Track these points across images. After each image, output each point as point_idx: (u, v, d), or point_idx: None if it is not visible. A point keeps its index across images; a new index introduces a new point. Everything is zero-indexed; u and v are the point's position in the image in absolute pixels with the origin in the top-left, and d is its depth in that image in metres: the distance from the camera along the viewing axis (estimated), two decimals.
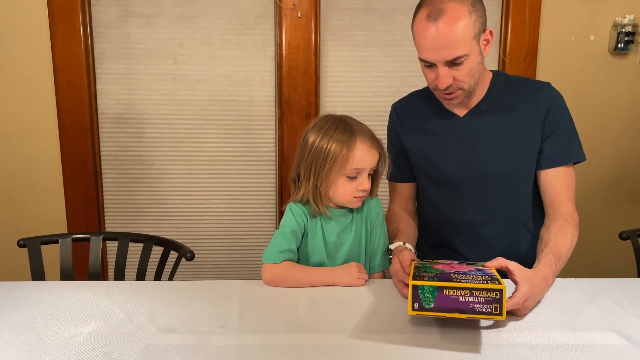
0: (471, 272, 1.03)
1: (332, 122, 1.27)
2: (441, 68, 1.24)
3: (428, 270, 1.05)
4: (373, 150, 1.25)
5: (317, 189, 1.26)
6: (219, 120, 2.20)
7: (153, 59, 2.14)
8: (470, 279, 0.97)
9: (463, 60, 1.23)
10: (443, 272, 1.03)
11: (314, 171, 1.26)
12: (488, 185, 1.35)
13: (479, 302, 0.94)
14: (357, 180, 1.26)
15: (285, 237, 1.27)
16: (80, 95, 2.12)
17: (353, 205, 1.30)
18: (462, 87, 1.28)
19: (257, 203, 2.27)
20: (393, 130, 1.49)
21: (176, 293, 1.18)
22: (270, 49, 2.16)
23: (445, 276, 0.99)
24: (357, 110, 2.20)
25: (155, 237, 1.46)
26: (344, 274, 1.24)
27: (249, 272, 2.32)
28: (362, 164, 1.24)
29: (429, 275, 1.00)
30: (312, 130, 1.28)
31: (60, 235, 1.43)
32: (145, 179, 2.23)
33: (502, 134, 1.33)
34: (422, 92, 1.48)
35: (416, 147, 1.43)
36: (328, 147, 1.23)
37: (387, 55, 2.17)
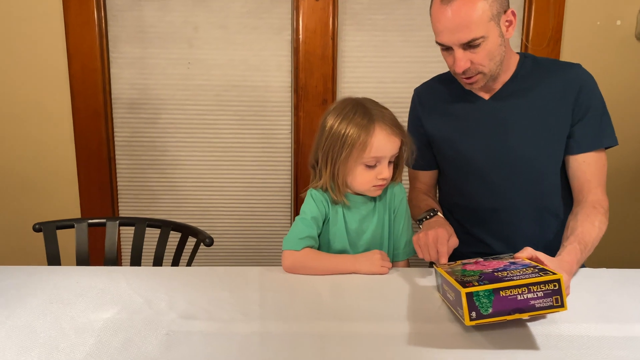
0: (510, 267, 0.98)
1: (352, 105, 1.23)
2: (457, 51, 1.20)
3: (465, 273, 0.99)
4: (393, 137, 1.20)
5: (335, 176, 1.22)
6: (234, 106, 2.16)
7: (167, 43, 2.10)
8: (519, 274, 0.92)
9: (480, 43, 1.19)
10: (483, 272, 0.97)
11: (331, 158, 1.21)
12: (515, 171, 1.31)
13: (538, 298, 0.87)
14: (377, 169, 1.21)
15: (306, 224, 1.23)
16: (94, 80, 2.09)
17: (373, 193, 1.26)
18: (481, 70, 1.23)
19: (272, 191, 2.24)
20: (415, 116, 1.45)
21: (194, 279, 1.15)
22: (287, 33, 2.12)
23: (492, 277, 0.93)
24: (375, 97, 2.07)
25: (172, 222, 1.43)
26: (367, 262, 1.20)
27: (263, 260, 2.29)
28: (381, 152, 1.19)
29: (475, 279, 0.93)
30: (331, 114, 1.24)
31: (76, 220, 1.41)
32: (159, 166, 2.20)
33: (530, 117, 1.28)
34: (445, 76, 1.43)
35: (439, 131, 1.39)
36: (346, 132, 1.18)
37: (406, 39, 2.12)
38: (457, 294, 0.91)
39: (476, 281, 0.91)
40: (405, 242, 1.31)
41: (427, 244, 1.15)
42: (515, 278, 0.89)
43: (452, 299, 0.96)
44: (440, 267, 1.07)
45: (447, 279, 0.98)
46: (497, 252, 1.36)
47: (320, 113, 2.17)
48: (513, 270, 0.94)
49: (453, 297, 0.94)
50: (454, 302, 0.95)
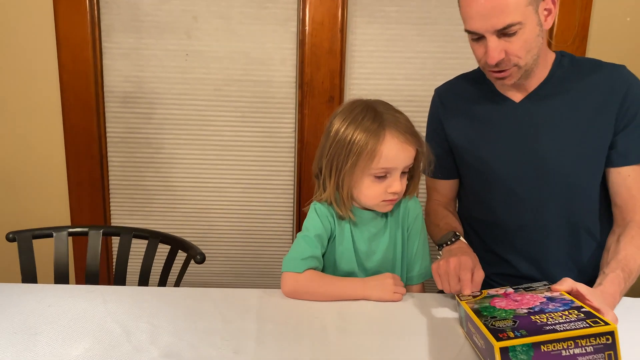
0: (548, 306, 0.83)
1: (361, 108, 1.08)
2: (490, 39, 1.06)
3: (496, 314, 0.84)
4: (407, 146, 1.05)
5: (340, 188, 1.08)
6: (234, 102, 2.02)
7: (164, 33, 1.96)
8: (562, 321, 0.77)
9: (516, 30, 1.05)
10: (517, 314, 0.82)
11: (335, 166, 1.07)
12: (547, 183, 1.16)
13: (587, 353, 0.73)
14: (387, 181, 1.06)
15: (309, 242, 1.09)
16: (86, 72, 1.95)
17: (382, 209, 1.11)
18: (516, 62, 1.09)
19: (274, 193, 2.10)
20: (435, 118, 1.31)
21: (183, 304, 1.02)
22: (292, 24, 1.97)
23: (529, 324, 0.78)
24: (386, 95, 2.00)
25: (161, 233, 1.30)
26: (377, 287, 1.06)
27: (262, 267, 2.16)
28: (391, 162, 1.04)
29: (509, 326, 0.79)
30: (337, 117, 1.09)
31: (54, 229, 1.27)
32: (154, 164, 2.07)
33: (566, 123, 1.14)
34: (470, 75, 1.29)
35: (462, 136, 1.24)
36: (352, 138, 1.04)
37: (421, 34, 1.97)
38: (487, 345, 0.77)
39: (511, 330, 0.77)
40: (421, 264, 1.17)
41: (448, 273, 1.01)
42: (559, 328, 0.75)
43: (480, 346, 0.82)
44: (464, 301, 0.94)
45: (474, 320, 0.84)
46: (523, 274, 1.22)
47: (327, 111, 2.04)
48: (554, 314, 0.80)
49: (482, 345, 0.81)
50: (483, 350, 0.81)
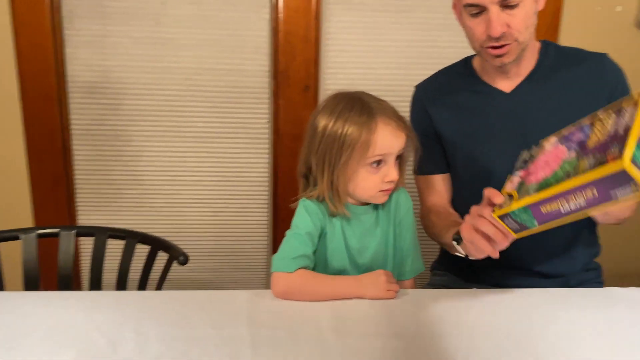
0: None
1: (346, 101, 1.05)
2: (493, 10, 1.05)
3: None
4: (398, 132, 1.04)
5: (334, 184, 1.04)
6: (206, 92, 1.95)
7: (131, 20, 1.86)
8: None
9: (519, 2, 1.04)
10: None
11: (328, 163, 1.04)
12: None
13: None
14: (382, 170, 1.05)
15: (300, 240, 1.05)
16: (46, 60, 1.84)
17: (378, 200, 1.09)
18: (517, 37, 1.08)
19: (249, 185, 2.04)
20: (421, 113, 1.28)
21: (169, 309, 0.97)
22: (266, 10, 1.90)
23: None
24: (363, 84, 1.97)
25: (140, 233, 1.23)
26: (371, 285, 1.03)
27: (237, 261, 2.11)
28: (387, 149, 1.03)
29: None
30: (322, 113, 1.06)
31: (21, 231, 1.18)
32: (122, 157, 1.98)
33: (558, 112, 1.13)
34: (452, 69, 1.27)
35: (453, 130, 1.22)
36: (344, 132, 1.01)
37: (398, 22, 1.94)
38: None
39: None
40: (412, 259, 1.15)
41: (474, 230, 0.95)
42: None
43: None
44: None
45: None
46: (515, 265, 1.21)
47: (302, 101, 1.99)
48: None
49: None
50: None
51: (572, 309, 1.00)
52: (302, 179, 1.13)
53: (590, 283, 1.23)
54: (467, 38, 1.17)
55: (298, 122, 1.98)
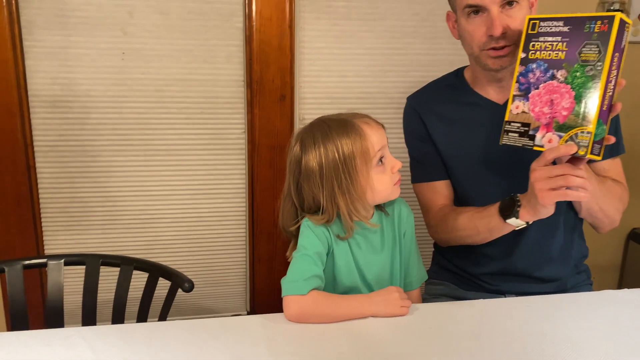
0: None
1: (319, 129, 1.05)
2: (494, 9, 1.08)
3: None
4: (377, 125, 1.07)
5: (354, 202, 1.04)
6: (177, 103, 1.89)
7: (96, 30, 1.78)
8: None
9: (518, 1, 1.09)
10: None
11: (342, 187, 1.03)
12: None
13: None
14: (386, 165, 1.06)
15: (309, 261, 1.03)
16: (5, 73, 1.73)
17: (395, 194, 1.10)
18: (515, 41, 1.11)
19: (225, 197, 2.00)
20: (417, 122, 1.28)
21: (182, 340, 0.92)
22: (238, 19, 1.86)
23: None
24: (337, 91, 1.97)
25: (135, 259, 1.17)
26: (383, 302, 1.03)
27: (214, 276, 2.06)
28: (380, 142, 1.05)
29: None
30: (306, 155, 1.04)
31: (6, 263, 1.10)
32: (90, 173, 1.89)
33: None
34: (444, 80, 1.29)
35: (445, 143, 1.23)
36: (341, 152, 1.01)
37: (370, 30, 1.95)
38: None
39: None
40: (417, 268, 1.17)
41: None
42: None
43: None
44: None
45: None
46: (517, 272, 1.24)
47: (279, 110, 1.96)
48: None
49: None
50: None
51: (572, 314, 1.03)
52: (287, 232, 1.11)
53: (582, 285, 1.28)
54: (465, 44, 1.18)
55: (274, 131, 1.95)
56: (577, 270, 1.28)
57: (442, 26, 1.95)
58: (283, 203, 1.11)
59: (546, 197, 1.01)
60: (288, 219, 1.10)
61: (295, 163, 1.06)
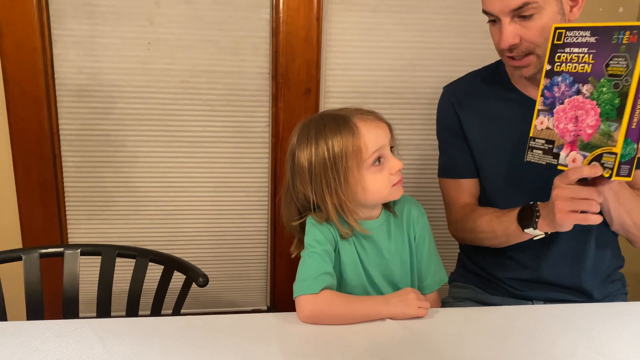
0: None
1: (314, 124, 1.02)
2: (504, 20, 1.02)
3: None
4: (379, 123, 1.02)
5: (341, 204, 1.00)
6: (202, 95, 1.87)
7: (123, 20, 1.77)
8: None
9: (533, 13, 1.01)
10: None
11: (327, 188, 1.00)
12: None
13: None
14: (385, 165, 1.01)
15: (318, 258, 1.00)
16: (33, 62, 1.74)
17: (395, 195, 1.05)
18: (532, 50, 1.04)
19: (248, 191, 1.98)
20: (449, 116, 1.23)
21: (193, 336, 0.90)
22: (266, 10, 1.83)
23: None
24: (363, 86, 1.93)
25: (151, 251, 1.15)
26: (400, 304, 0.99)
27: (235, 269, 2.05)
28: (378, 142, 1.00)
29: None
30: (299, 149, 1.02)
31: (23, 251, 1.10)
32: (114, 163, 1.89)
33: None
34: (483, 72, 1.23)
35: (479, 139, 1.18)
36: (330, 150, 0.98)
37: (400, 22, 1.89)
38: None
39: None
40: (435, 271, 1.12)
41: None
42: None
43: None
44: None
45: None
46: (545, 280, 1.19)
47: (304, 104, 1.93)
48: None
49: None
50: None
51: (604, 325, 0.98)
52: (291, 228, 1.09)
53: (616, 295, 1.21)
54: None
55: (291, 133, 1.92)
56: (611, 280, 1.22)
57: (475, 20, 1.88)
58: (284, 197, 1.08)
59: (565, 219, 0.96)
60: (290, 214, 1.08)
61: (290, 156, 1.04)
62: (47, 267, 1.25)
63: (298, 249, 1.09)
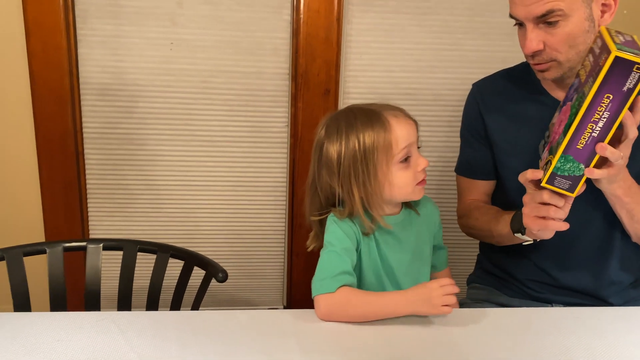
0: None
1: (345, 117, 1.02)
2: (528, 27, 1.01)
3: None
4: (408, 120, 1.03)
5: (368, 197, 1.01)
6: (222, 95, 1.89)
7: (146, 20, 1.80)
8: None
9: (558, 20, 0.99)
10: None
11: (355, 181, 1.00)
12: (598, 189, 1.11)
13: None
14: (412, 162, 1.02)
15: (337, 257, 1.00)
16: (59, 61, 1.78)
17: (417, 195, 1.05)
18: (555, 57, 1.03)
19: (266, 190, 1.99)
20: (474, 115, 1.23)
21: (210, 331, 0.92)
22: (286, 12, 1.85)
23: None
24: (382, 87, 1.93)
25: (172, 247, 1.17)
26: (421, 302, 0.97)
27: (253, 268, 2.06)
28: (408, 139, 1.01)
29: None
30: (328, 142, 1.02)
31: (47, 244, 1.13)
32: (136, 161, 1.92)
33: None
34: (512, 71, 1.22)
35: (505, 137, 1.18)
36: (361, 144, 0.98)
37: (420, 24, 1.89)
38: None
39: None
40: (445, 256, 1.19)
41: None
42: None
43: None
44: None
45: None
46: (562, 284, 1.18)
47: (322, 104, 1.94)
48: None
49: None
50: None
51: (627, 330, 0.97)
52: (315, 223, 1.09)
53: (637, 300, 1.19)
54: None
55: (317, 126, 1.93)
56: (633, 286, 1.20)
57: (496, 22, 1.88)
58: (308, 189, 1.09)
59: (529, 224, 0.98)
60: (313, 207, 1.08)
61: (318, 148, 1.04)
62: (70, 260, 1.28)
63: (314, 242, 1.10)
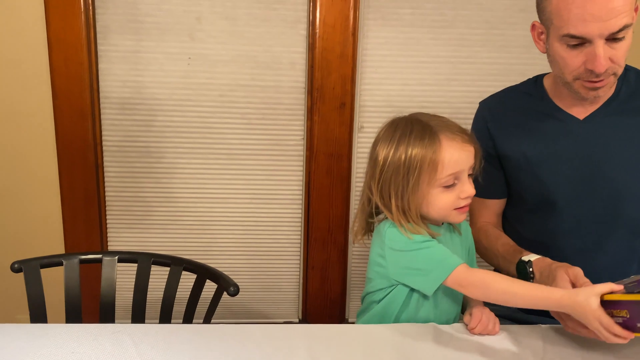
0: None
1: (404, 125, 1.01)
2: (599, 44, 0.96)
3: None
4: (466, 145, 0.99)
5: (407, 209, 0.99)
6: (240, 108, 1.91)
7: (165, 35, 1.83)
8: None
9: (624, 35, 0.97)
10: None
11: (394, 190, 0.99)
12: (615, 206, 1.09)
13: None
14: (457, 187, 0.99)
15: (431, 247, 0.98)
16: (80, 76, 1.82)
17: (455, 219, 1.03)
18: (616, 71, 1.01)
19: (282, 203, 2.00)
20: (483, 133, 1.22)
21: (223, 345, 0.92)
22: (302, 27, 1.87)
23: None
24: (398, 100, 1.93)
25: (185, 260, 1.18)
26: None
27: (269, 281, 2.06)
28: (457, 166, 0.97)
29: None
30: (381, 144, 1.02)
31: (64, 256, 1.15)
32: (154, 174, 1.94)
33: (634, 144, 1.07)
34: (521, 87, 1.21)
35: (518, 154, 1.16)
36: (407, 156, 0.97)
37: (436, 37, 1.89)
38: None
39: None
40: None
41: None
42: None
43: None
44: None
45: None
46: None
47: (338, 118, 1.95)
48: None
49: None
50: None
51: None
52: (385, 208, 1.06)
53: None
54: (555, 66, 1.08)
55: (332, 139, 1.94)
56: None
57: (513, 35, 1.87)
58: (364, 184, 1.07)
59: (569, 329, 0.95)
60: (362, 211, 1.07)
61: (372, 148, 1.04)
62: (86, 272, 1.30)
63: (359, 235, 1.08)
